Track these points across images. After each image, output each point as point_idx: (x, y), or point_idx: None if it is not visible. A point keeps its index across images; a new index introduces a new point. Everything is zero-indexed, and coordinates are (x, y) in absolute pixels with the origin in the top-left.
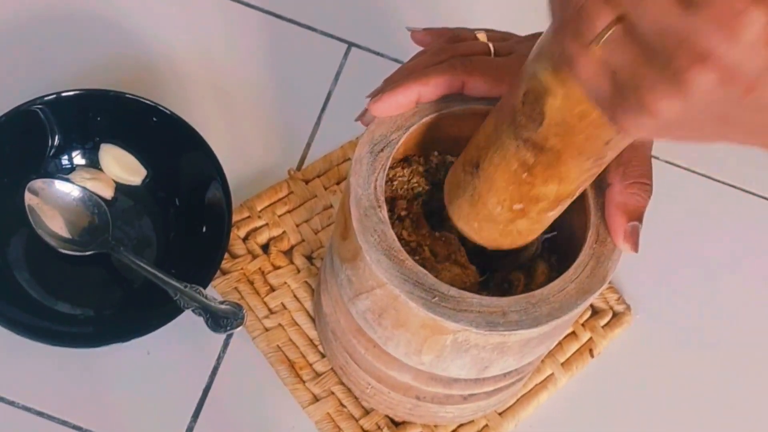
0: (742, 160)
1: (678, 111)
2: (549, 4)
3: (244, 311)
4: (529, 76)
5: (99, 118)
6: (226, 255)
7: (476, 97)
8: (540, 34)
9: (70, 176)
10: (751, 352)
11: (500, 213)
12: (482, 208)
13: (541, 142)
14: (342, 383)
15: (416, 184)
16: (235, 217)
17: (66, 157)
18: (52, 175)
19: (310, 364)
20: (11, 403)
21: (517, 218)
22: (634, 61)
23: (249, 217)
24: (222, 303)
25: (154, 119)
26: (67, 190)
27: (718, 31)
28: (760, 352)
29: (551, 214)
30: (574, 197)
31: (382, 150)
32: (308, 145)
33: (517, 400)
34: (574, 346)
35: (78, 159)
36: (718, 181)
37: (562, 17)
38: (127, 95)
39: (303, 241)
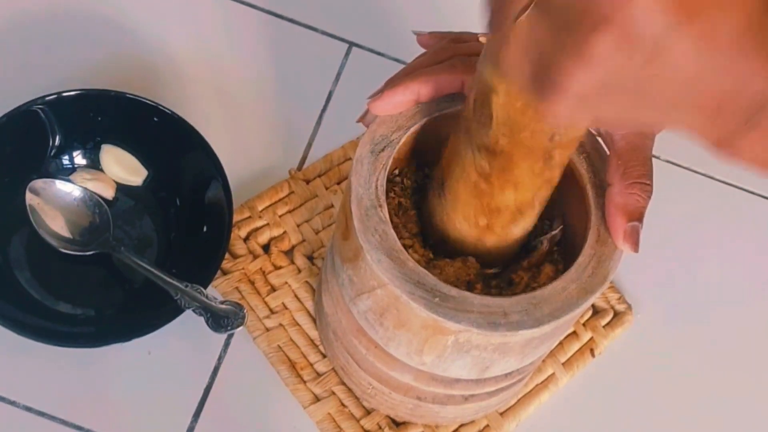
0: None
1: (587, 80)
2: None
3: (245, 311)
4: (476, 80)
5: (100, 118)
6: (227, 255)
7: None
8: None
9: (70, 177)
10: (753, 351)
11: (468, 230)
12: (452, 227)
13: (493, 146)
14: (343, 383)
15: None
16: (236, 217)
17: (67, 157)
18: (53, 175)
19: (311, 364)
20: (12, 403)
21: (483, 235)
22: (548, 37)
23: (250, 217)
24: (223, 303)
25: (155, 119)
26: (68, 189)
27: None
28: (761, 351)
29: (515, 229)
30: (535, 209)
31: (383, 150)
32: (309, 145)
33: (519, 399)
34: (575, 346)
35: (79, 159)
36: (720, 180)
37: (487, 9)
38: (128, 95)
39: (304, 240)
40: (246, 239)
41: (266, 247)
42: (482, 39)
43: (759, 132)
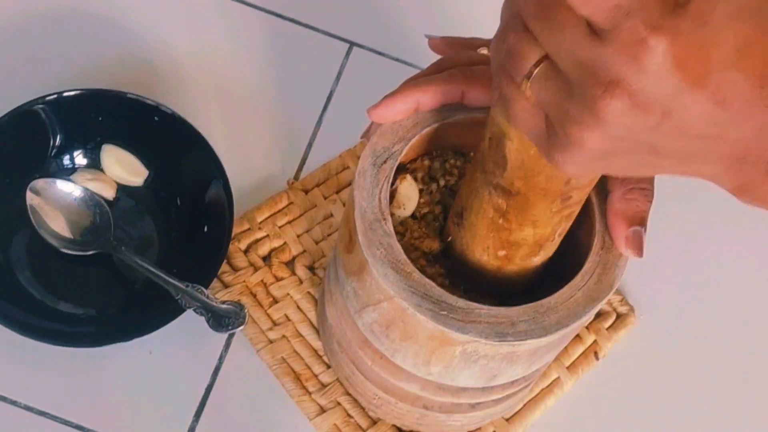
0: None
1: (600, 140)
2: (490, 51)
3: (246, 310)
4: (491, 122)
5: (100, 118)
6: (228, 268)
7: (476, 107)
8: None
9: (71, 177)
10: (755, 353)
11: (487, 261)
12: (471, 257)
13: (508, 187)
14: (348, 394)
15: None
16: (235, 230)
17: (68, 157)
18: (53, 175)
19: (316, 375)
20: (13, 403)
21: (503, 266)
22: (559, 97)
23: (249, 229)
24: (223, 303)
25: (156, 119)
26: (68, 189)
27: (624, 60)
28: (764, 352)
29: (536, 259)
30: (555, 241)
31: (384, 162)
32: (310, 145)
33: (524, 405)
34: (579, 349)
35: (80, 159)
36: None
37: (498, 62)
38: (129, 95)
39: (304, 251)
40: (246, 251)
41: (267, 259)
42: (483, 51)
43: None
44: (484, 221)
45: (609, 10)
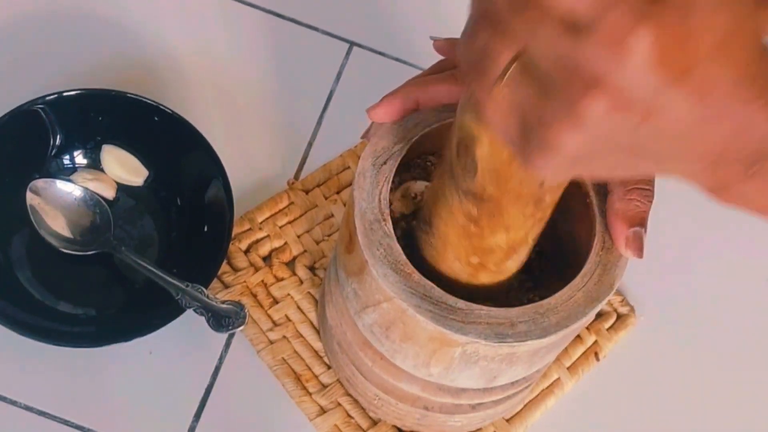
0: None
1: (579, 143)
2: (457, 50)
3: (246, 310)
4: (458, 126)
5: (100, 118)
6: (229, 268)
7: None
8: None
9: (71, 177)
10: (755, 353)
11: (461, 268)
12: (443, 264)
13: (480, 192)
14: (349, 394)
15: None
16: (236, 230)
17: (68, 156)
18: (53, 175)
19: (316, 376)
20: (13, 403)
21: (477, 272)
22: (535, 97)
23: (250, 229)
24: (223, 302)
25: (156, 119)
26: (68, 189)
27: (606, 56)
28: (763, 352)
29: (510, 264)
30: (530, 244)
31: (385, 162)
32: (310, 144)
33: (525, 405)
34: (579, 350)
35: (80, 159)
36: None
37: (468, 61)
38: (129, 95)
39: (305, 251)
40: (247, 252)
41: (267, 259)
42: None
43: (759, 180)
44: (454, 229)
45: (590, 1)
